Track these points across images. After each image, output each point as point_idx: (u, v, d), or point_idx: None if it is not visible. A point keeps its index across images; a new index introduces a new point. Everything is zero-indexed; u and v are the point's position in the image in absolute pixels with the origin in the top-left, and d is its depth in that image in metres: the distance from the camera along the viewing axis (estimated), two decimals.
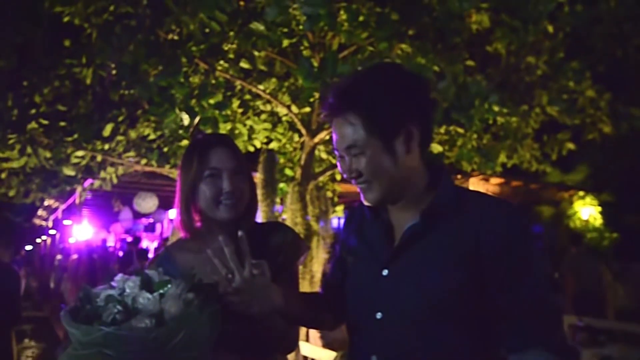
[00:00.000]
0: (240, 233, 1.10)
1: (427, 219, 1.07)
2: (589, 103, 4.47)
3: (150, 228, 14.76)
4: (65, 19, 3.83)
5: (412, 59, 3.47)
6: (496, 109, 3.91)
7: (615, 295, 7.41)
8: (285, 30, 3.92)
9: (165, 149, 4.70)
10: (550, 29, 4.09)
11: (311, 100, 4.03)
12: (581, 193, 10.02)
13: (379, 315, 1.09)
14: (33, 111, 4.02)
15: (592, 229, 9.71)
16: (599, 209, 9.87)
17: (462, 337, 1.04)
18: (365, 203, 1.16)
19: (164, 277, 1.06)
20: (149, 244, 14.60)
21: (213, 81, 3.95)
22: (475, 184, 8.15)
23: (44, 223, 15.42)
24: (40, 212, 13.56)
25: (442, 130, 4.69)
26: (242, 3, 3.55)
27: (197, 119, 3.43)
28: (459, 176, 6.98)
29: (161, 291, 1.01)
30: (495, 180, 8.46)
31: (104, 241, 13.21)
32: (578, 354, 1.06)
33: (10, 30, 4.34)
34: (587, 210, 9.82)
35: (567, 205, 9.98)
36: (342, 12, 3.50)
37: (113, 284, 1.04)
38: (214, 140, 1.36)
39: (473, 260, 1.02)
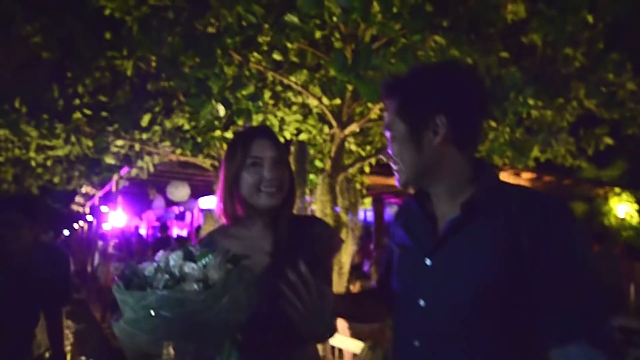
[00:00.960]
0: (302, 267, 1.14)
1: (468, 211, 1.09)
2: (629, 96, 4.34)
3: (180, 217, 15.07)
4: (107, 12, 3.94)
5: (445, 51, 3.44)
6: (531, 102, 3.85)
7: None
8: (318, 22, 3.94)
9: (199, 139, 4.79)
10: (590, 18, 3.97)
11: (343, 92, 4.06)
12: (617, 189, 9.72)
13: (422, 302, 1.13)
14: (77, 102, 4.17)
15: (628, 227, 9.44)
16: (636, 206, 9.57)
17: (504, 330, 1.05)
18: (397, 185, 1.23)
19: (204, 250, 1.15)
20: (179, 231, 14.92)
21: (247, 72, 4.00)
22: (505, 179, 7.98)
23: (81, 209, 15.90)
24: (77, 198, 13.99)
25: None
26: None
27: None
28: None
29: (203, 261, 1.09)
30: (526, 175, 8.29)
31: (137, 228, 13.56)
32: (625, 351, 1.05)
33: (54, 23, 4.51)
34: (623, 208, 9.55)
35: (601, 202, 9.70)
36: (375, 3, 3.50)
37: (156, 259, 1.12)
38: (256, 131, 1.44)
39: (514, 255, 1.02)
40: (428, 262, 1.14)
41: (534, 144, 4.76)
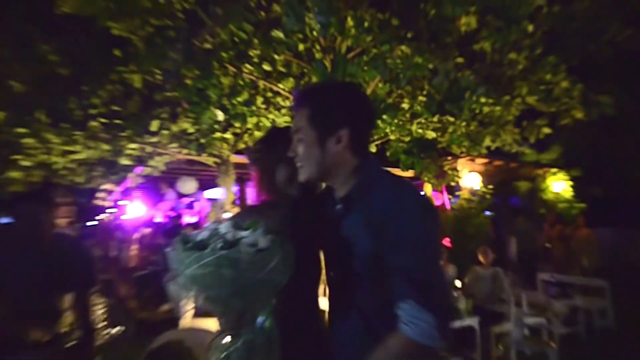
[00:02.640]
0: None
1: (347, 202, 1.26)
2: (563, 93, 4.34)
3: (190, 206, 14.97)
4: (115, 32, 3.79)
5: (410, 58, 3.38)
6: (482, 100, 3.83)
7: (580, 255, 7.42)
8: (301, 36, 3.85)
9: (202, 141, 4.69)
10: (530, 28, 3.95)
11: None
12: (554, 170, 9.86)
13: (331, 273, 1.35)
14: (93, 111, 4.02)
15: (563, 200, 9.59)
16: (570, 183, 9.73)
17: (375, 290, 1.18)
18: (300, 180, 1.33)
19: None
20: (189, 219, 14.79)
21: (241, 82, 3.90)
22: (463, 164, 8.03)
23: (103, 203, 15.63)
24: (100, 194, 13.73)
25: (436, 119, 4.61)
26: (263, 14, 3.48)
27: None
28: (449, 157, 6.87)
29: (252, 229, 1.10)
30: (480, 161, 8.33)
31: (152, 218, 13.38)
32: (451, 313, 1.17)
33: (69, 42, 4.33)
34: (558, 185, 9.69)
35: (541, 180, 9.85)
36: (349, 19, 3.42)
37: (205, 229, 1.13)
38: (284, 132, 1.47)
39: (375, 230, 1.14)
40: (332, 240, 1.31)
41: (485, 135, 4.76)
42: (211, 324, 1.41)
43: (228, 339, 1.10)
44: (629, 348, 4.69)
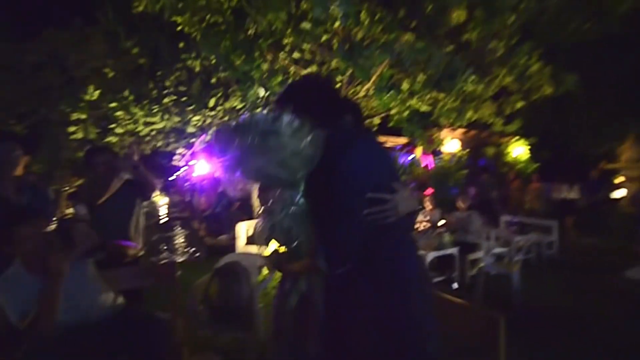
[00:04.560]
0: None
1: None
2: (535, 73, 3.91)
3: None
4: (178, 29, 3.52)
5: (413, 45, 3.03)
6: (471, 79, 3.46)
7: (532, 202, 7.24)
8: (323, 28, 3.50)
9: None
10: (512, 19, 3.48)
11: (339, 77, 3.66)
12: (515, 138, 9.35)
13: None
14: (165, 91, 3.83)
15: (521, 161, 9.19)
16: (527, 148, 9.28)
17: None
18: None
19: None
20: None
21: (276, 67, 3.63)
22: (445, 133, 7.63)
23: (178, 163, 15.83)
24: (175, 156, 13.85)
25: (428, 96, 4.25)
26: (294, 8, 3.13)
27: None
28: (435, 127, 6.48)
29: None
30: (459, 130, 7.91)
31: (213, 173, 13.46)
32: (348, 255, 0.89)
33: (145, 38, 4.09)
34: (518, 149, 9.26)
35: (505, 146, 9.41)
36: (362, 12, 3.06)
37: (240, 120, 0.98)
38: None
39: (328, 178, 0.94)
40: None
41: (468, 109, 4.39)
42: (256, 250, 1.26)
43: (277, 210, 0.99)
44: (568, 270, 4.70)
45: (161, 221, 11.01)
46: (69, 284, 1.58)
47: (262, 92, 2.95)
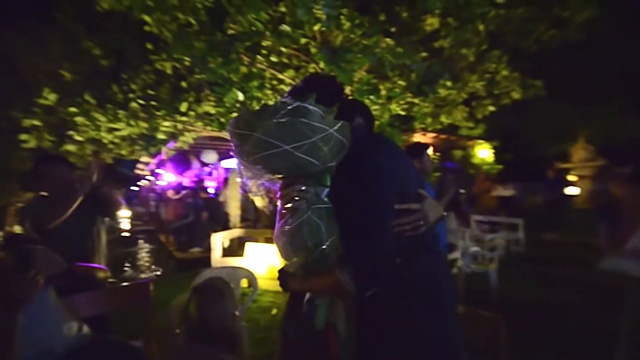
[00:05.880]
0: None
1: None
2: (504, 79, 4.12)
3: (210, 174, 14.53)
4: (147, 28, 3.29)
5: (393, 49, 3.06)
6: (448, 84, 3.56)
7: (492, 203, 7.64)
8: (302, 32, 3.44)
9: (222, 120, 4.29)
10: (482, 27, 3.65)
11: None
12: (480, 141, 9.87)
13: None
14: (132, 95, 3.55)
15: (486, 163, 9.70)
16: (492, 151, 9.84)
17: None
18: None
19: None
20: (210, 183, 14.37)
21: (254, 70, 3.50)
22: (418, 137, 7.86)
23: (142, 172, 14.97)
24: (139, 165, 13.07)
25: (403, 101, 4.33)
26: (271, 12, 3.05)
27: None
28: (409, 132, 6.64)
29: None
30: (430, 134, 8.18)
31: (181, 183, 12.88)
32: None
33: (109, 38, 3.78)
34: (483, 152, 9.78)
35: (471, 149, 9.89)
36: (342, 17, 3.04)
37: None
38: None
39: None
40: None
41: (442, 114, 4.53)
42: (236, 262, 1.12)
43: (304, 208, 0.89)
44: (534, 264, 4.99)
45: (123, 235, 10.25)
46: (26, 315, 1.37)
47: (240, 96, 2.81)
